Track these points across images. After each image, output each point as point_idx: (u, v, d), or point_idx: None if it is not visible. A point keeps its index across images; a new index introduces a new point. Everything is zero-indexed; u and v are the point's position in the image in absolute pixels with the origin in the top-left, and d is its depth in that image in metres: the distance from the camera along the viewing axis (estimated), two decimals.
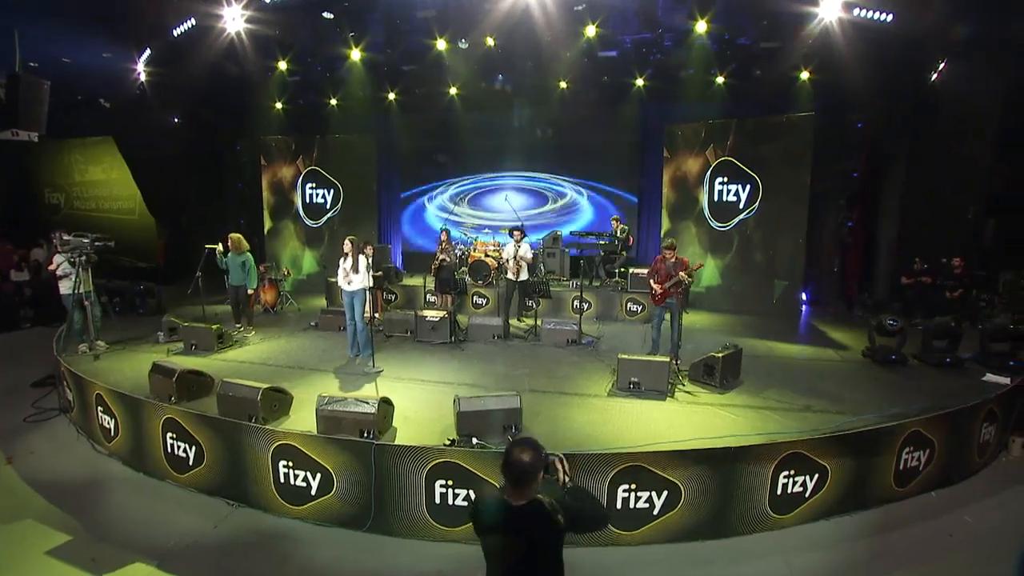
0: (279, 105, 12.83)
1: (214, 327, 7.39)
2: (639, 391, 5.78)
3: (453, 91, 11.92)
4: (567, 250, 11.09)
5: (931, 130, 9.47)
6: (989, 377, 6.27)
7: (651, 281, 6.92)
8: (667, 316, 6.92)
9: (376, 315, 9.57)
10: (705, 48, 10.24)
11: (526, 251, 8.77)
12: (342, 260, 6.92)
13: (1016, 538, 4.36)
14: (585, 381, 6.24)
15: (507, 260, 8.89)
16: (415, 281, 11.20)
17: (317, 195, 13.03)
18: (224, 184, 13.54)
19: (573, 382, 6.20)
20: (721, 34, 9.67)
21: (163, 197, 13.97)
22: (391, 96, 12.30)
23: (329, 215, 12.99)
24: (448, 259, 9.19)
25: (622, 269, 10.53)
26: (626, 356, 5.89)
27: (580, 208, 12.39)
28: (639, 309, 9.52)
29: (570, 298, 9.76)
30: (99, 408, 5.58)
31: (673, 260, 6.80)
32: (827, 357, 7.36)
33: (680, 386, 6.01)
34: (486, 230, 11.57)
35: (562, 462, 2.48)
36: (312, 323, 8.95)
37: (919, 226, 10.00)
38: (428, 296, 10.27)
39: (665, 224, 11.69)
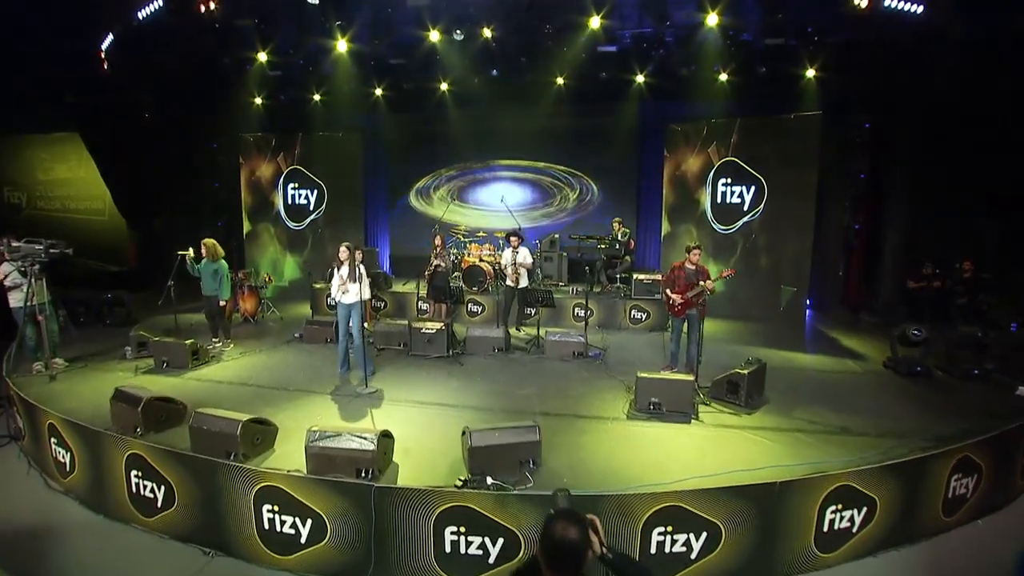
0: (259, 100, 12.09)
1: (188, 342, 6.71)
2: (661, 413, 5.30)
3: (444, 87, 11.33)
4: (565, 254, 10.60)
5: (940, 129, 9.19)
6: (1022, 391, 5.96)
7: (667, 291, 6.46)
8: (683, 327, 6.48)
9: (366, 325, 8.98)
10: (709, 43, 9.82)
11: (525, 257, 8.27)
12: (336, 268, 6.31)
13: None
14: (599, 401, 5.74)
15: (505, 267, 8.38)
16: (405, 287, 10.60)
17: (300, 196, 12.35)
18: (200, 184, 12.72)
19: (587, 403, 5.70)
20: (727, 29, 9.27)
21: (134, 197, 13.12)
22: (378, 91, 11.66)
23: (312, 217, 12.33)
24: (443, 265, 8.62)
25: (624, 274, 10.07)
26: (646, 375, 5.40)
27: (576, 209, 11.91)
28: (644, 317, 9.07)
29: (571, 305, 9.27)
30: (52, 439, 4.90)
31: (694, 267, 6.35)
32: (847, 369, 6.98)
33: (703, 404, 5.55)
34: (480, 233, 11.00)
35: (595, 527, 2.04)
36: (296, 335, 8.31)
37: (926, 228, 9.74)
38: (420, 304, 9.69)
39: (665, 227, 11.30)
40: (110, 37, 8.32)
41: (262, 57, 9.99)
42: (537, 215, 12.12)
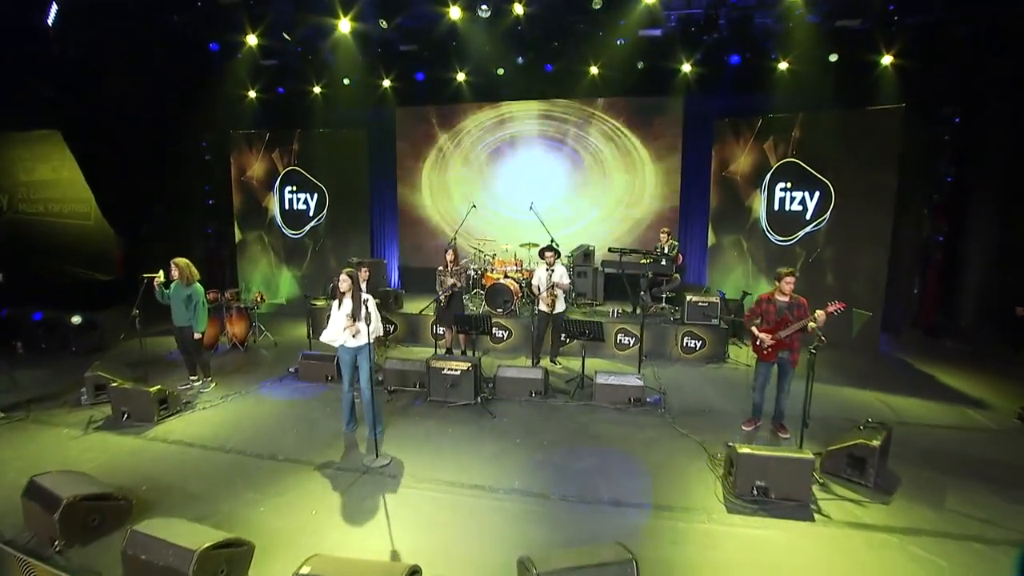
0: (252, 93, 10.77)
1: (153, 390, 5.41)
2: (768, 502, 3.98)
3: (461, 77, 9.99)
4: (601, 268, 9.26)
5: None
6: None
7: (753, 328, 5.14)
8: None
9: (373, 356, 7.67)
10: (767, 27, 8.50)
11: (562, 277, 6.96)
12: (337, 304, 5.00)
13: None
14: (681, 478, 4.41)
15: (537, 287, 7.06)
16: (416, 303, 9.28)
17: (298, 200, 11.04)
18: (189, 186, 11.42)
19: (667, 481, 4.37)
20: (790, 9, 7.92)
21: (119, 200, 11.84)
22: (386, 83, 10.33)
23: (312, 224, 11.02)
24: (459, 284, 7.30)
25: (671, 294, 8.74)
26: (747, 450, 4.07)
27: (611, 217, 10.56)
28: (698, 345, 7.74)
29: (612, 331, 7.94)
30: None
31: (787, 299, 5.02)
32: (973, 423, 5.62)
33: (817, 484, 4.23)
34: (505, 247, 9.65)
35: None
36: (291, 369, 7.02)
37: (1022, 242, 8.37)
38: (434, 327, 8.38)
39: (711, 238, 9.97)
40: (54, 7, 6.95)
41: (251, 40, 8.65)
42: (563, 221, 10.77)
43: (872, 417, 4.79)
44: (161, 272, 6.11)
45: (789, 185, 8.96)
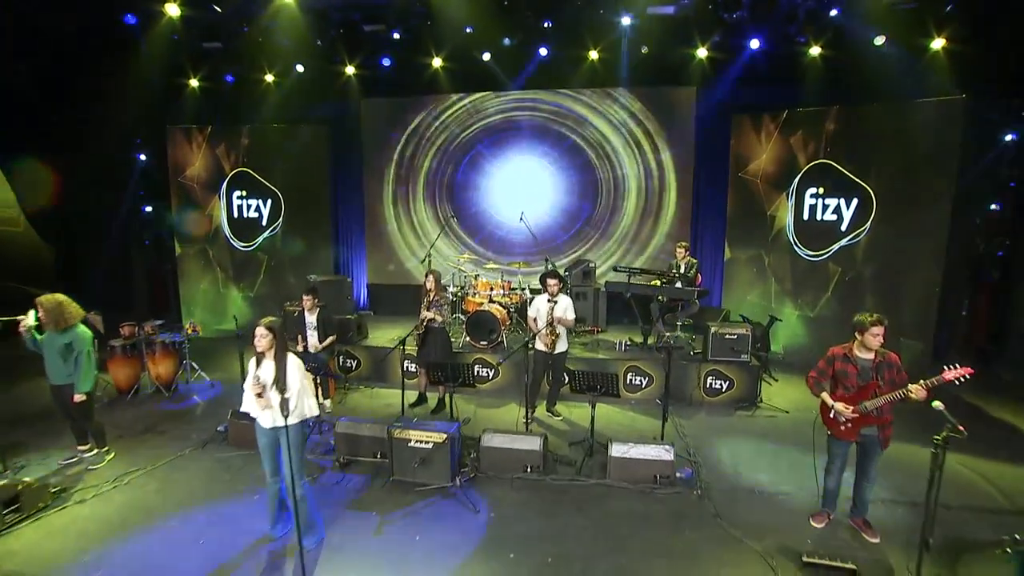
0: (194, 82, 9.16)
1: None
2: None
3: (437, 63, 8.53)
4: (602, 287, 7.89)
5: None
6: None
7: (824, 395, 3.81)
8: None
9: (326, 403, 6.21)
10: (793, 5, 7.21)
11: (566, 310, 5.58)
12: (253, 366, 3.55)
13: None
14: None
15: (533, 321, 5.68)
16: (386, 333, 7.83)
17: (248, 207, 9.50)
18: (124, 190, 9.79)
19: None
20: None
21: (47, 206, 10.15)
22: (349, 70, 8.82)
23: (266, 234, 9.49)
24: (439, 319, 5.87)
25: (688, 321, 7.40)
26: None
27: (608, 226, 9.17)
28: (724, 386, 6.41)
29: (621, 369, 6.57)
30: None
31: (874, 358, 3.69)
32: None
33: None
34: (489, 265, 8.17)
35: None
36: (220, 428, 5.51)
37: None
38: (406, 364, 6.94)
39: (727, 251, 8.66)
40: None
41: (172, 10, 7.07)
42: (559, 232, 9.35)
43: (975, 500, 3.50)
44: (31, 312, 4.56)
45: (821, 190, 7.69)
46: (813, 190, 7.75)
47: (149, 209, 9.85)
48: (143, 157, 9.72)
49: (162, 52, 8.17)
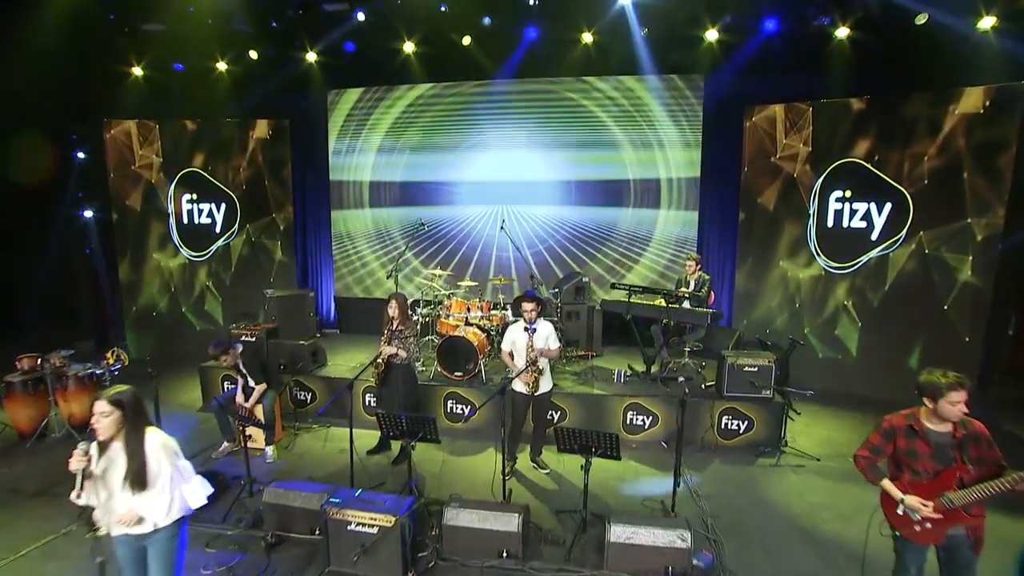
0: (137, 70, 8.09)
1: None
2: None
3: (409, 48, 7.48)
4: (598, 306, 6.88)
5: None
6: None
7: (880, 479, 2.82)
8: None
9: (268, 451, 5.18)
10: None
11: (548, 338, 4.57)
12: (95, 453, 2.53)
13: None
14: None
15: (509, 356, 4.67)
16: (350, 358, 6.80)
17: (200, 212, 8.43)
18: (61, 193, 8.70)
19: None
20: None
21: None
22: (311, 56, 7.78)
23: (221, 242, 8.44)
24: (402, 355, 4.83)
25: (697, 346, 6.39)
26: None
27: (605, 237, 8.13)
28: (743, 427, 5.41)
29: (620, 408, 5.55)
30: None
31: (955, 433, 2.69)
32: None
33: None
34: (465, 281, 7.07)
35: None
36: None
37: None
38: (370, 400, 5.93)
39: (739, 262, 7.65)
40: None
41: None
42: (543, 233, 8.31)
43: None
44: None
45: (849, 194, 6.71)
46: (839, 193, 6.76)
47: (89, 214, 8.75)
48: (81, 155, 8.61)
49: (97, 36, 7.14)
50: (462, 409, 5.85)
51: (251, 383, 5.18)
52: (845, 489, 4.55)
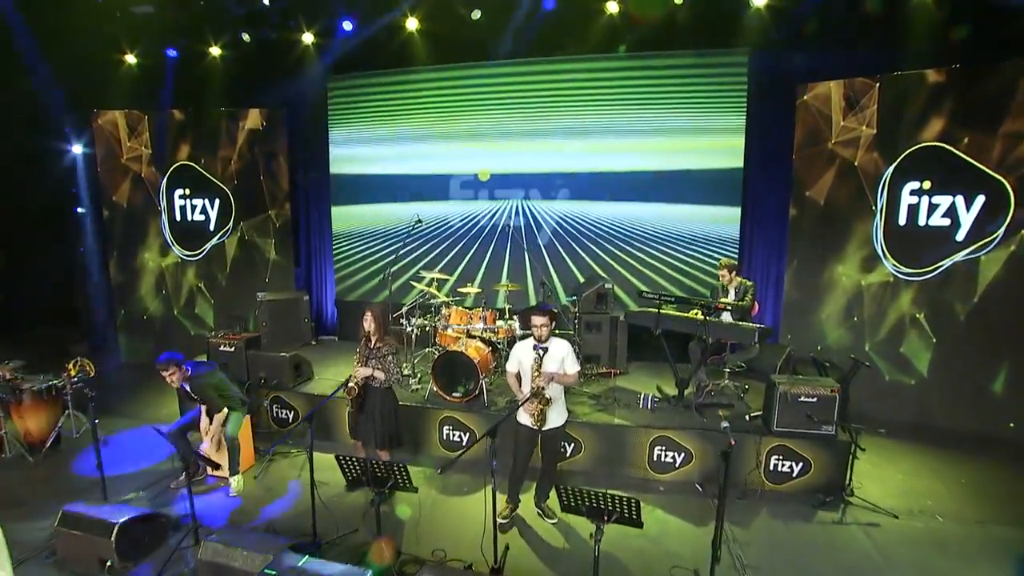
0: (130, 58, 7.58)
1: None
2: None
3: (413, 25, 6.71)
4: (623, 316, 5.96)
5: None
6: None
7: None
8: None
9: (233, 481, 4.49)
10: None
11: (565, 361, 3.71)
12: None
13: None
14: None
15: (516, 378, 3.84)
16: (342, 370, 6.07)
17: (193, 208, 7.89)
18: (61, 187, 8.29)
19: None
20: None
21: None
22: (307, 38, 7.10)
23: (215, 241, 7.87)
24: (379, 378, 4.06)
25: (740, 366, 5.41)
26: None
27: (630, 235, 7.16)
28: (796, 469, 4.42)
29: (645, 442, 4.64)
30: None
31: None
32: None
33: None
34: (466, 288, 6.20)
35: None
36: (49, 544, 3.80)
37: None
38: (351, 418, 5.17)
39: (790, 266, 6.57)
40: None
41: None
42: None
43: None
44: None
45: (928, 185, 5.59)
46: (915, 184, 5.65)
47: (81, 210, 8.32)
48: (76, 149, 8.18)
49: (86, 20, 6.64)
50: (460, 436, 5.04)
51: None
52: (942, 564, 3.53)
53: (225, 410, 4.38)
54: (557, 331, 5.99)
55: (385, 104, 7.62)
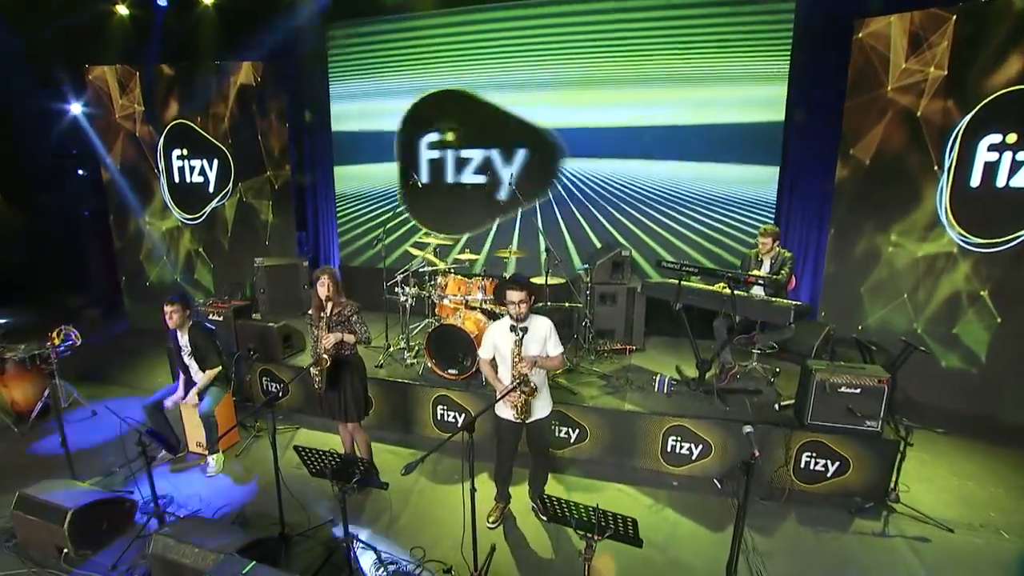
0: (121, 8, 7.13)
1: None
2: None
3: None
4: (641, 291, 5.37)
5: None
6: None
7: None
8: None
9: (211, 460, 4.23)
10: None
11: (544, 342, 3.19)
12: None
13: None
14: None
15: (488, 364, 3.35)
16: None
17: (191, 169, 7.55)
18: (54, 147, 8.07)
19: None
20: None
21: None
22: None
23: (215, 203, 7.55)
24: (354, 339, 3.68)
25: (771, 348, 4.79)
26: None
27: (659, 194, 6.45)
28: (832, 469, 3.86)
29: (659, 431, 4.14)
30: None
31: None
32: None
33: None
34: (465, 254, 5.67)
35: None
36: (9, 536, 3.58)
37: None
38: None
39: (832, 234, 5.79)
40: None
41: None
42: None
43: None
44: None
45: (1013, 139, 4.70)
46: (995, 137, 4.77)
47: (83, 173, 8.09)
48: (74, 107, 7.88)
49: None
50: (455, 417, 4.64)
51: (193, 376, 4.29)
52: None
53: (218, 368, 4.17)
54: (567, 303, 5.57)
55: (390, 54, 7.00)
